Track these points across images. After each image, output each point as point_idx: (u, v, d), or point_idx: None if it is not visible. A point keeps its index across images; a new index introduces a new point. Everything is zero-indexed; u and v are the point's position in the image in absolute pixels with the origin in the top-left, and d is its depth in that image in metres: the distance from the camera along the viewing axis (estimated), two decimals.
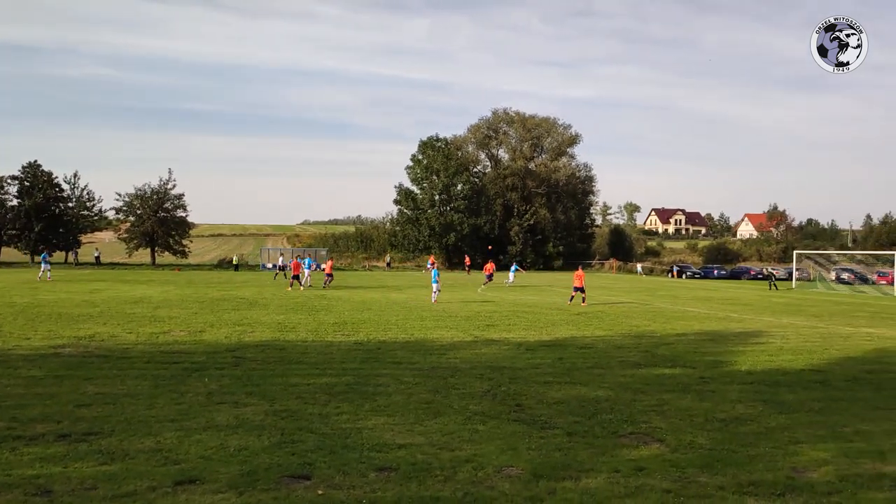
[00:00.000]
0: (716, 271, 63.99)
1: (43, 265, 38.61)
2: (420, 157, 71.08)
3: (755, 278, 59.90)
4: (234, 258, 63.40)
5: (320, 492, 5.58)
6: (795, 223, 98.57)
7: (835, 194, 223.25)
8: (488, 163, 79.77)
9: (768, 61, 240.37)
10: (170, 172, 65.95)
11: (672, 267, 67.29)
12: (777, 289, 42.77)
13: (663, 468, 6.36)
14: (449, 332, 16.61)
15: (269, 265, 57.77)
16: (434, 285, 26.37)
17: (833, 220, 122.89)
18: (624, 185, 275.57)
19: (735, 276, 62.82)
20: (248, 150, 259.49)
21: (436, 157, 69.63)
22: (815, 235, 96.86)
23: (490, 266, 40.77)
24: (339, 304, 24.66)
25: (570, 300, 26.51)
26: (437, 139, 71.67)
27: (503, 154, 79.00)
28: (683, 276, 62.10)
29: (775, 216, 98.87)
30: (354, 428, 7.54)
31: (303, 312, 21.00)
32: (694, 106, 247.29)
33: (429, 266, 58.68)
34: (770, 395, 9.88)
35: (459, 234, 67.55)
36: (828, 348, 15.15)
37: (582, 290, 26.20)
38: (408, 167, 71.89)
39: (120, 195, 64.19)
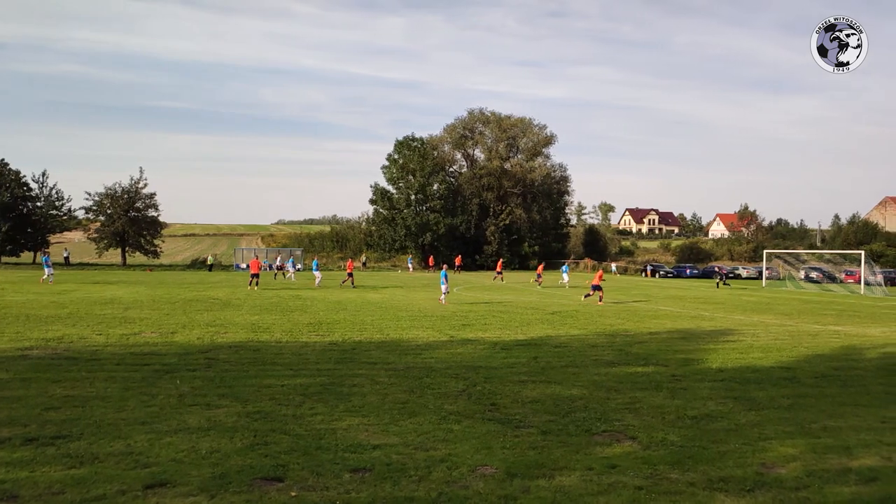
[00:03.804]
0: (688, 270, 64.81)
1: (46, 269, 36.29)
2: (396, 156, 70.88)
3: (727, 277, 60.75)
4: (208, 258, 62.64)
5: (293, 493, 5.54)
6: (766, 223, 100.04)
7: (804, 195, 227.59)
8: (464, 163, 79.85)
9: (738, 63, 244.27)
10: (141, 171, 65.48)
11: (646, 266, 67.99)
12: (728, 286, 43.37)
13: (635, 465, 6.43)
14: (425, 332, 16.60)
15: (244, 265, 57.22)
16: (443, 286, 26.14)
17: (802, 220, 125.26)
18: (598, 185, 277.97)
19: (707, 275, 63.65)
20: (222, 149, 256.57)
21: (412, 157, 69.50)
22: (785, 235, 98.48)
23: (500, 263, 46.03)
24: (313, 304, 24.51)
25: (600, 299, 27.39)
26: (413, 139, 71.56)
27: (479, 154, 79.14)
28: (657, 276, 62.81)
29: (746, 216, 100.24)
30: (329, 429, 7.50)
31: (277, 313, 20.84)
32: (666, 107, 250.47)
33: (430, 267, 59.11)
34: (740, 392, 10.04)
35: (435, 234, 67.50)
36: (796, 346, 15.44)
37: (599, 287, 27.46)
38: (384, 167, 71.69)
39: (90, 194, 63.16)
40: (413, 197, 69.80)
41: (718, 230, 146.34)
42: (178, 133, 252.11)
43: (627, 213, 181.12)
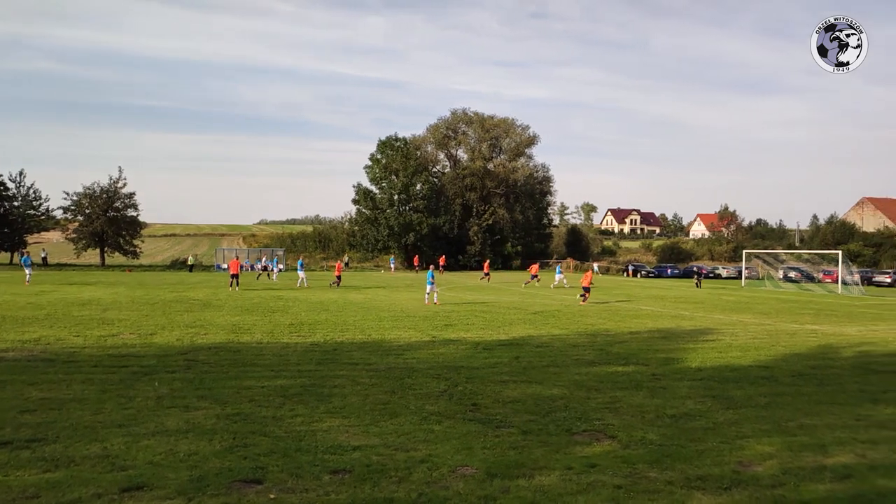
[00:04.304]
0: (669, 270, 65.34)
1: (27, 270, 35.91)
2: (379, 156, 70.72)
3: (707, 277, 61.37)
4: (189, 259, 62.08)
5: (272, 496, 5.51)
6: (745, 223, 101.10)
7: (783, 195, 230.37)
8: (447, 163, 79.91)
9: (717, 64, 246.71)
10: (120, 170, 64.84)
11: (627, 266, 68.48)
12: (699, 287, 43.82)
13: (615, 464, 6.47)
14: (406, 333, 16.59)
15: (225, 266, 56.79)
16: (429, 286, 25.97)
17: (781, 221, 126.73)
18: (581, 186, 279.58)
19: (687, 274, 64.20)
20: (202, 148, 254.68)
21: (395, 157, 69.39)
22: (764, 235, 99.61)
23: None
24: (295, 304, 24.38)
25: (584, 299, 27.87)
26: (396, 139, 71.45)
27: (462, 154, 79.23)
28: (638, 275, 63.26)
29: (726, 216, 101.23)
30: (309, 430, 7.46)
31: (258, 314, 20.70)
32: (648, 108, 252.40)
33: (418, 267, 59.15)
34: (719, 390, 10.14)
35: (419, 234, 67.44)
36: (774, 345, 15.63)
37: (587, 289, 27.99)
38: (366, 167, 71.48)
39: (68, 194, 62.41)
40: (396, 197, 69.69)
41: (699, 230, 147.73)
42: (159, 132, 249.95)
43: (609, 213, 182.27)
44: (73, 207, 62.16)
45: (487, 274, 46.01)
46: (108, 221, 61.35)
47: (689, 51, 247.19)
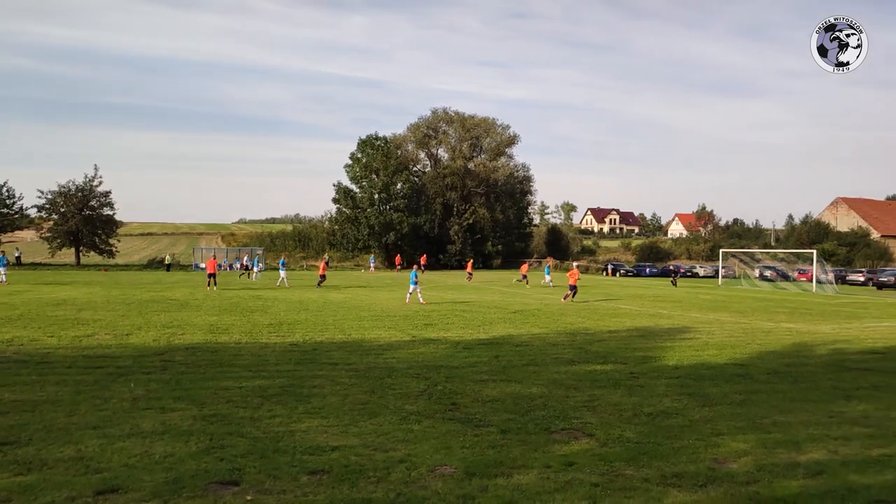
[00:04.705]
0: (648, 269, 65.93)
1: (2, 269, 35.37)
2: (359, 155, 70.47)
3: (684, 276, 62.03)
4: (166, 258, 61.41)
5: (249, 497, 5.47)
6: (722, 223, 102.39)
7: (759, 195, 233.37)
8: (428, 162, 79.83)
9: (695, 66, 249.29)
10: (96, 169, 63.95)
11: (607, 265, 68.95)
12: (674, 285, 44.35)
13: (592, 462, 6.51)
14: (387, 332, 16.56)
15: (203, 265, 56.26)
16: (412, 286, 25.87)
17: (757, 220, 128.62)
18: (561, 185, 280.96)
19: (666, 273, 64.90)
20: (181, 147, 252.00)
21: (375, 156, 69.19)
22: (741, 234, 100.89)
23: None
24: (274, 304, 24.23)
25: (566, 297, 28.31)
26: (377, 138, 71.25)
27: (443, 153, 79.21)
28: (617, 274, 63.77)
29: (703, 216, 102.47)
30: (287, 431, 7.42)
31: (236, 314, 20.54)
32: (627, 108, 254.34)
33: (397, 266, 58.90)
34: (695, 388, 10.25)
35: (399, 234, 67.34)
36: (750, 343, 15.83)
37: (574, 287, 28.36)
38: (347, 165, 71.17)
39: (42, 192, 61.40)
40: (376, 196, 69.51)
41: (677, 230, 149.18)
42: (136, 130, 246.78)
43: (589, 212, 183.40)
44: (47, 206, 61.19)
45: (470, 274, 46.08)
46: (83, 220, 60.49)
47: (668, 52, 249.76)
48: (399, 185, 69.85)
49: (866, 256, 71.82)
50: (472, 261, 51.19)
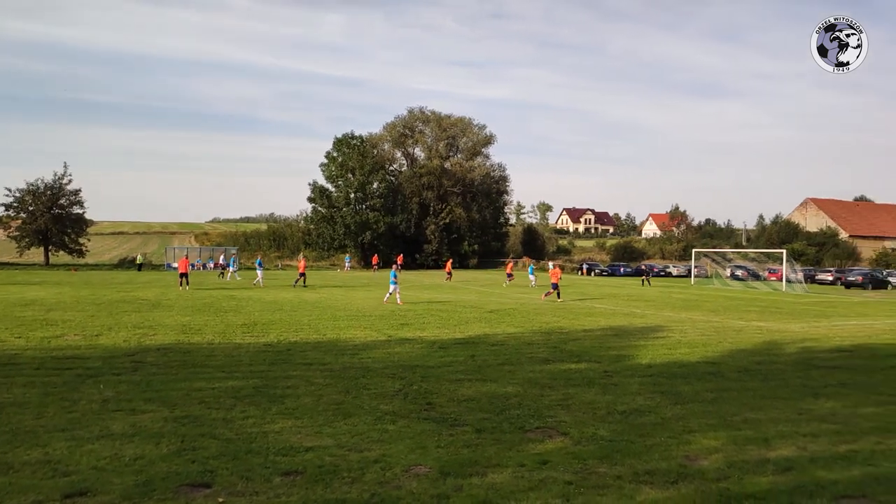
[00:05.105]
0: (622, 269, 66.55)
1: None
2: (335, 154, 70.08)
3: (658, 275, 62.73)
4: (138, 257, 60.49)
5: (221, 500, 5.41)
6: (695, 223, 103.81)
7: (731, 196, 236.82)
8: (404, 161, 79.73)
9: (669, 68, 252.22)
10: (65, 167, 62.46)
11: (582, 265, 69.45)
12: (648, 284, 44.91)
13: (566, 461, 6.55)
14: (362, 332, 16.49)
15: (175, 265, 55.56)
16: (392, 286, 25.74)
17: (729, 220, 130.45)
18: (537, 185, 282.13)
19: (640, 273, 65.57)
20: (153, 144, 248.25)
21: (351, 155, 68.87)
22: (713, 234, 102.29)
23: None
24: (248, 304, 23.99)
25: (546, 295, 29.03)
26: (353, 136, 70.91)
27: (419, 153, 79.15)
28: (592, 274, 64.28)
29: (676, 216, 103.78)
30: (260, 432, 7.35)
31: (209, 314, 20.30)
32: (604, 109, 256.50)
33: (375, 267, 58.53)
34: (668, 386, 10.37)
35: (375, 233, 67.13)
36: (721, 341, 16.06)
37: (556, 286, 28.87)
38: (322, 164, 70.74)
39: (10, 190, 60.09)
40: (352, 195, 69.22)
41: (651, 230, 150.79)
42: (108, 127, 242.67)
43: (565, 212, 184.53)
44: (15, 204, 59.92)
45: (450, 273, 45.80)
46: (52, 219, 59.39)
47: (643, 54, 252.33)
48: (375, 185, 69.63)
49: (835, 256, 73.32)
50: (451, 260, 51.11)
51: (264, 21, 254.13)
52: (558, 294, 28.89)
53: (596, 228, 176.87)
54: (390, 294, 25.65)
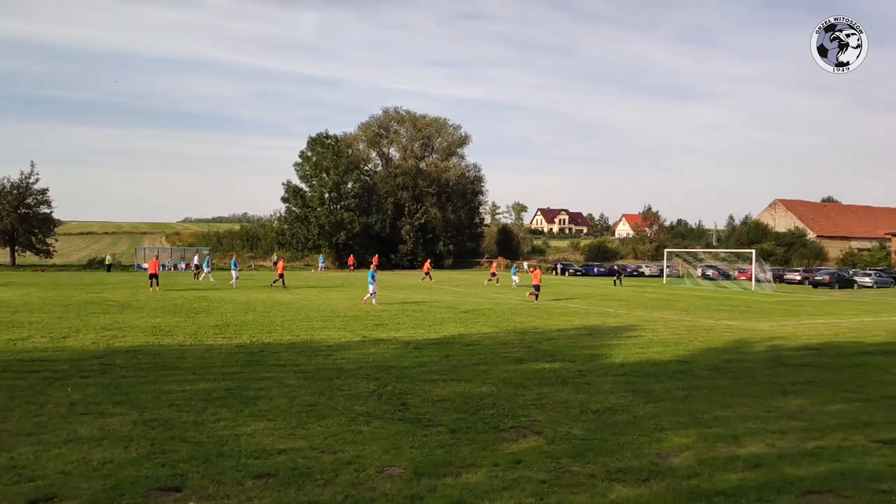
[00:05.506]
0: (595, 269, 67.14)
1: None
2: (309, 153, 69.63)
3: (631, 275, 63.39)
4: (107, 258, 59.47)
5: (191, 503, 5.33)
6: (667, 223, 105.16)
7: (702, 196, 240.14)
8: (379, 161, 79.58)
9: (642, 69, 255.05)
10: (32, 165, 61.23)
11: (556, 265, 69.93)
12: (619, 283, 45.39)
13: (540, 460, 6.59)
14: (336, 333, 16.40)
15: (145, 265, 54.72)
16: (370, 287, 25.66)
17: (700, 221, 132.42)
18: (512, 186, 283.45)
19: (612, 273, 66.17)
20: (123, 143, 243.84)
21: (325, 155, 68.48)
22: (685, 235, 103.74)
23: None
24: (221, 305, 23.72)
25: (531, 294, 29.52)
26: (327, 136, 70.53)
27: (394, 153, 79.04)
28: (566, 274, 64.75)
29: (649, 216, 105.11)
30: (232, 434, 7.27)
31: (181, 315, 20.02)
32: (578, 110, 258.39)
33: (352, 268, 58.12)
34: (640, 385, 10.49)
35: (350, 233, 66.84)
36: (692, 340, 16.29)
37: (538, 287, 29.32)
38: (296, 164, 70.25)
39: None
40: (327, 195, 68.85)
41: (624, 230, 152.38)
42: (75, 125, 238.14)
43: (539, 212, 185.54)
44: None
45: (427, 273, 45.62)
46: (18, 219, 58.25)
47: (617, 56, 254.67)
48: (350, 185, 69.36)
49: (802, 256, 74.80)
50: (430, 260, 50.97)
51: (237, 19, 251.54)
52: (536, 297, 29.03)
53: (570, 229, 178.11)
54: (370, 294, 25.57)
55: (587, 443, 7.21)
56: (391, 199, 73.92)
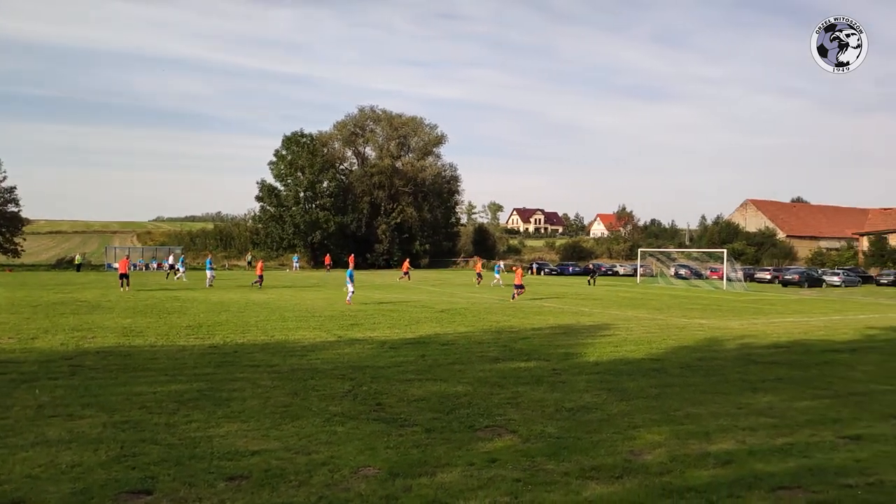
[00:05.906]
0: (571, 268, 67.54)
1: None
2: (284, 152, 69.02)
3: (605, 274, 63.92)
4: (77, 258, 58.39)
5: None
6: (641, 223, 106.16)
7: (675, 196, 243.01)
8: (355, 160, 79.10)
9: (616, 71, 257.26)
10: None
11: (532, 264, 70.16)
12: (594, 284, 45.82)
13: (515, 458, 6.61)
14: (311, 333, 16.30)
15: (116, 265, 53.81)
16: (348, 286, 25.51)
17: (673, 221, 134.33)
18: (487, 185, 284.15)
19: (587, 272, 66.67)
20: (93, 141, 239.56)
21: (300, 153, 67.94)
22: (658, 234, 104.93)
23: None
24: (193, 305, 23.43)
25: (519, 293, 29.46)
26: (303, 135, 69.97)
27: (370, 152, 78.65)
28: (542, 273, 65.04)
29: (623, 216, 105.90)
30: (204, 436, 7.19)
31: (152, 315, 19.73)
32: (553, 111, 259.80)
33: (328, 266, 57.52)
34: (614, 383, 10.58)
35: (325, 232, 66.42)
36: (665, 338, 16.48)
37: (521, 286, 29.49)
38: (271, 163, 69.55)
39: None
40: (302, 194, 68.32)
41: (599, 230, 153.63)
42: (44, 122, 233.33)
43: (515, 212, 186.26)
44: None
45: (406, 273, 45.50)
46: None
47: (592, 57, 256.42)
48: (325, 184, 68.90)
49: (773, 255, 76.04)
50: (408, 260, 50.84)
51: (211, 15, 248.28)
52: (513, 296, 29.12)
53: (546, 228, 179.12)
54: (353, 293, 25.50)
55: (561, 441, 7.25)
56: (367, 199, 73.58)
